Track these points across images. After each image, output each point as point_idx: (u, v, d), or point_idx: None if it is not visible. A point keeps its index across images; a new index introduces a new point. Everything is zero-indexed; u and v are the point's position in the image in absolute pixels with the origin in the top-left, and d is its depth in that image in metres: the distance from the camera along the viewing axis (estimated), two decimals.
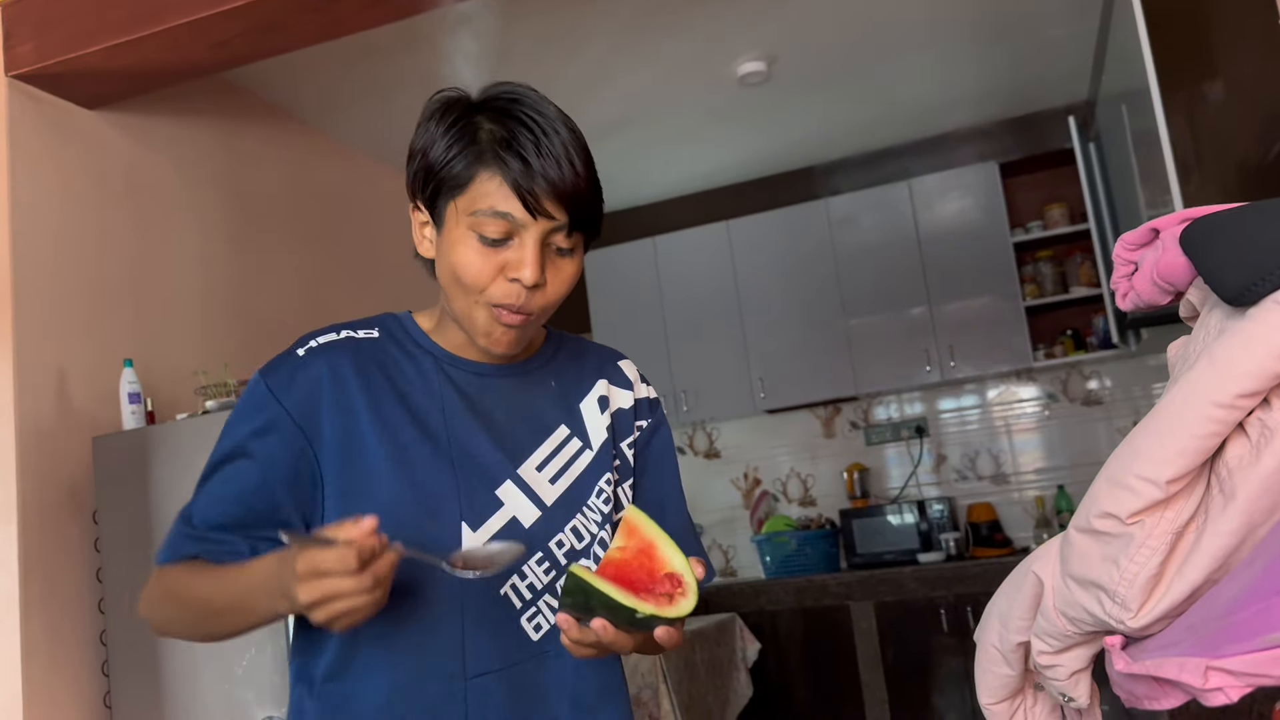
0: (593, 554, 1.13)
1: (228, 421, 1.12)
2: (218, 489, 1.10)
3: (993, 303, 4.66)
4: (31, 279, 2.78)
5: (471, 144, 1.04)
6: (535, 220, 1.03)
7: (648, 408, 1.29)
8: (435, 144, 1.07)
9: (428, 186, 1.08)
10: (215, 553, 1.08)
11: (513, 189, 1.02)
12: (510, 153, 1.02)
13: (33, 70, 2.82)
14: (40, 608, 2.63)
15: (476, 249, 1.04)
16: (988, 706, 0.98)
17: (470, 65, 3.77)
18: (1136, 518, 0.78)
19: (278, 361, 1.12)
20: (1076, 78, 4.47)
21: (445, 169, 1.05)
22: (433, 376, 1.13)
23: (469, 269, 1.04)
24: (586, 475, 1.16)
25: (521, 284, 1.04)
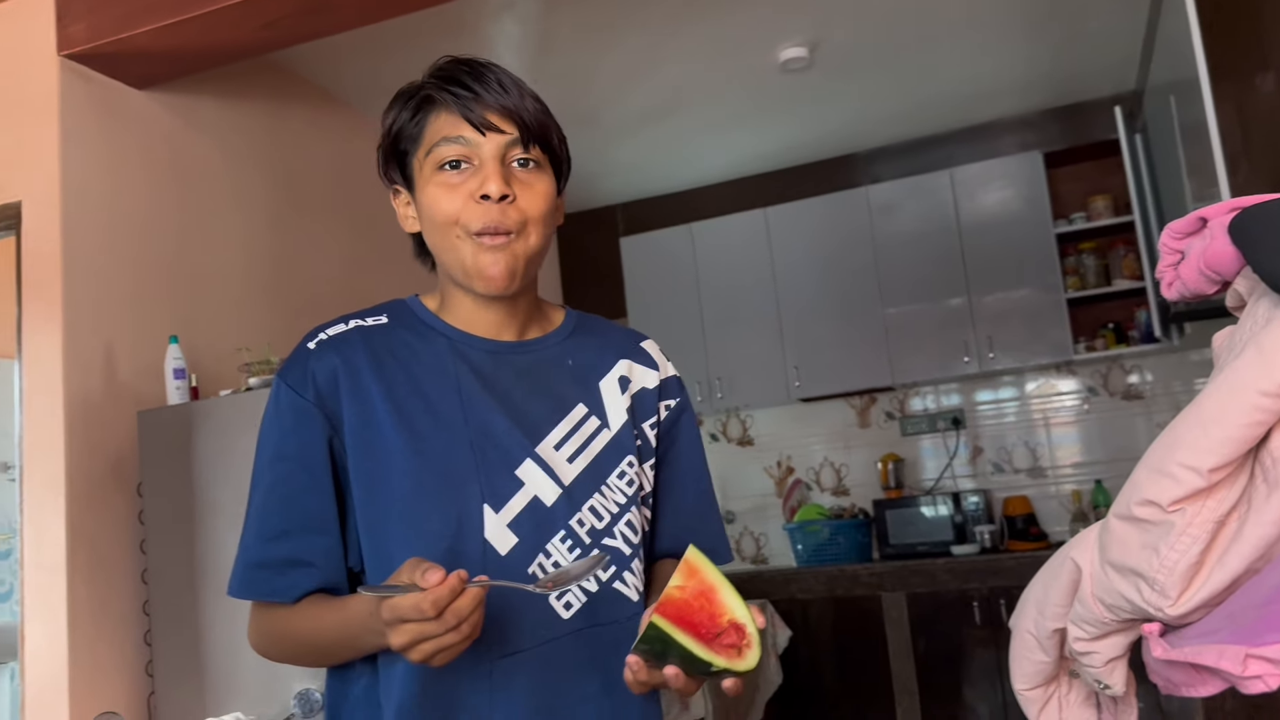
0: (619, 534, 1.13)
1: (260, 433, 1.14)
2: (267, 501, 1.12)
3: (1033, 294, 4.62)
4: (81, 256, 2.83)
5: (420, 101, 1.12)
6: (485, 136, 1.08)
7: (674, 388, 1.29)
8: (390, 120, 1.15)
9: (394, 158, 1.15)
10: (283, 589, 1.10)
11: (459, 114, 1.08)
12: (450, 85, 1.10)
13: (84, 50, 2.87)
14: (86, 578, 2.69)
15: (442, 182, 1.09)
16: (1021, 692, 0.98)
17: (512, 51, 3.78)
18: (1178, 505, 0.78)
19: (292, 360, 1.14)
20: (1124, 67, 4.41)
21: (402, 132, 1.13)
22: (446, 357, 1.13)
23: (440, 203, 1.09)
24: (606, 454, 1.15)
25: (490, 198, 1.07)
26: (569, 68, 3.92)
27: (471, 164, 1.09)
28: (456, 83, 1.10)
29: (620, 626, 1.11)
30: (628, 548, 1.13)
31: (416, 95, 1.13)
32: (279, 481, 1.11)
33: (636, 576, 1.14)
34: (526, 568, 1.07)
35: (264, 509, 1.11)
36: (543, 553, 1.08)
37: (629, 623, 1.11)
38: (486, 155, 1.08)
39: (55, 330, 2.75)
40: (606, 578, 1.11)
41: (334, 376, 1.11)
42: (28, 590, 2.71)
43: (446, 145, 1.09)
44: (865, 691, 4.44)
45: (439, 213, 1.09)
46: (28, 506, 2.74)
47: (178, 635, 2.69)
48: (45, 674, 2.65)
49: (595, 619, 1.10)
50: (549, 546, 1.09)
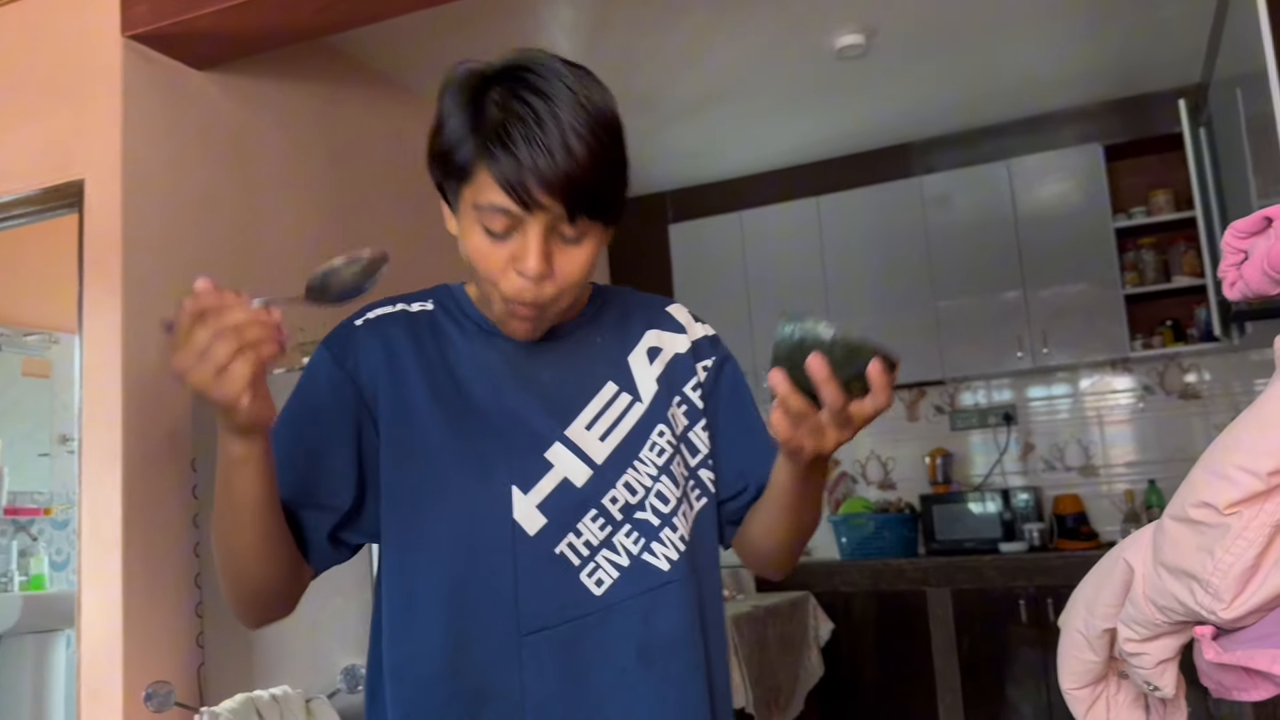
0: (649, 506, 1.13)
1: (294, 390, 1.17)
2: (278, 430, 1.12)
3: (1091, 289, 4.54)
4: (141, 234, 2.89)
5: (475, 130, 1.03)
6: (531, 213, 1.01)
7: (708, 347, 1.28)
8: (446, 125, 1.07)
9: (439, 171, 1.10)
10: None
11: (501, 185, 1.00)
12: (501, 146, 1.00)
13: (147, 31, 2.92)
14: (140, 550, 2.75)
15: (483, 238, 1.04)
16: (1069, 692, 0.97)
17: (567, 34, 3.78)
18: (1234, 508, 0.77)
19: (336, 333, 1.17)
20: (1189, 59, 4.30)
21: (453, 156, 1.05)
22: (479, 346, 1.16)
23: (481, 259, 1.05)
24: (638, 429, 1.16)
25: (527, 277, 1.03)
26: (622, 52, 3.92)
27: (514, 233, 1.04)
28: (508, 141, 1.00)
29: (651, 595, 1.11)
30: (656, 518, 1.13)
31: (475, 118, 1.04)
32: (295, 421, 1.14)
33: (667, 546, 1.13)
34: (554, 547, 1.09)
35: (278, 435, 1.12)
36: (573, 532, 1.10)
37: (660, 591, 1.11)
38: (530, 231, 1.03)
39: (115, 306, 2.81)
40: (636, 550, 1.11)
41: (375, 356, 1.14)
42: (84, 560, 2.78)
43: (494, 214, 1.02)
44: (907, 687, 4.41)
45: (477, 264, 1.07)
46: (86, 479, 2.80)
47: (228, 609, 2.74)
48: (99, 642, 2.71)
49: (628, 592, 1.10)
50: (579, 526, 1.10)
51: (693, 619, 1.14)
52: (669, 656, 1.10)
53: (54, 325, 4.45)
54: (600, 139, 1.03)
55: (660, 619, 1.10)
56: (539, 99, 1.01)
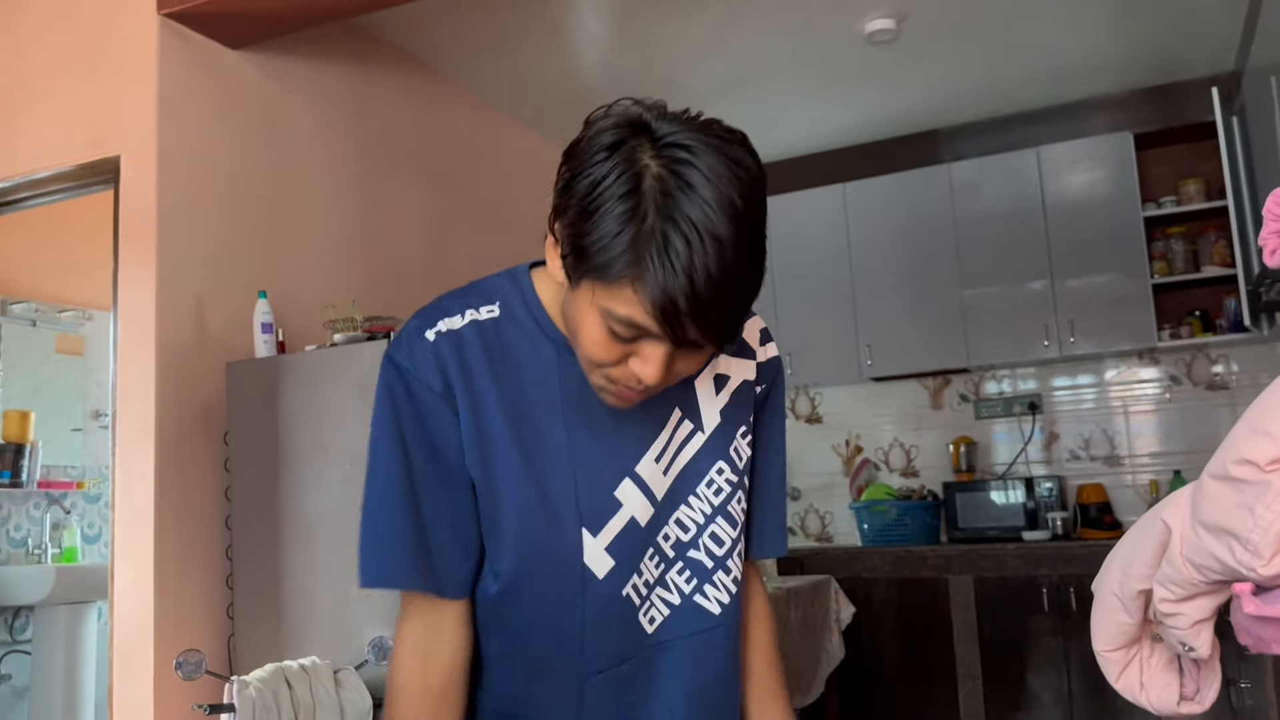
0: (702, 546, 1.09)
1: (379, 417, 1.07)
2: (392, 492, 1.05)
3: (1118, 279, 4.52)
4: (175, 211, 2.92)
5: (623, 231, 0.88)
6: (675, 332, 0.91)
7: (771, 371, 1.21)
8: (587, 211, 0.90)
9: (570, 249, 0.93)
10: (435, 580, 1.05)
11: (651, 312, 0.89)
12: (659, 266, 0.87)
13: (183, 9, 2.94)
14: (172, 521, 2.79)
15: (606, 336, 0.94)
16: (1102, 653, 0.97)
17: (596, 16, 3.79)
18: (1276, 465, 0.77)
19: (408, 346, 1.06)
20: (1222, 47, 4.27)
21: (596, 252, 0.90)
22: (553, 368, 1.06)
23: (593, 349, 0.95)
24: (697, 461, 1.10)
25: (642, 385, 0.96)
26: (649, 34, 3.92)
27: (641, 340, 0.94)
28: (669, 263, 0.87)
29: (701, 638, 1.10)
30: (709, 560, 1.10)
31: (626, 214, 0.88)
32: (403, 470, 1.05)
33: (719, 589, 1.10)
34: (621, 590, 1.06)
35: (388, 497, 1.06)
36: (635, 572, 1.07)
37: (710, 634, 1.10)
38: (652, 352, 0.93)
39: (149, 282, 2.85)
40: (689, 590, 1.09)
41: (451, 372, 1.05)
42: (117, 533, 2.82)
43: (626, 326, 0.91)
44: (928, 673, 4.41)
45: (588, 352, 0.96)
46: (119, 452, 2.84)
47: (258, 580, 2.78)
48: (132, 613, 2.75)
49: (676, 632, 1.09)
50: (641, 565, 1.07)
51: (736, 660, 1.13)
52: (713, 697, 1.10)
53: (87, 302, 4.50)
54: (755, 253, 0.92)
55: (708, 662, 1.09)
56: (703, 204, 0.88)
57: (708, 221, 0.86)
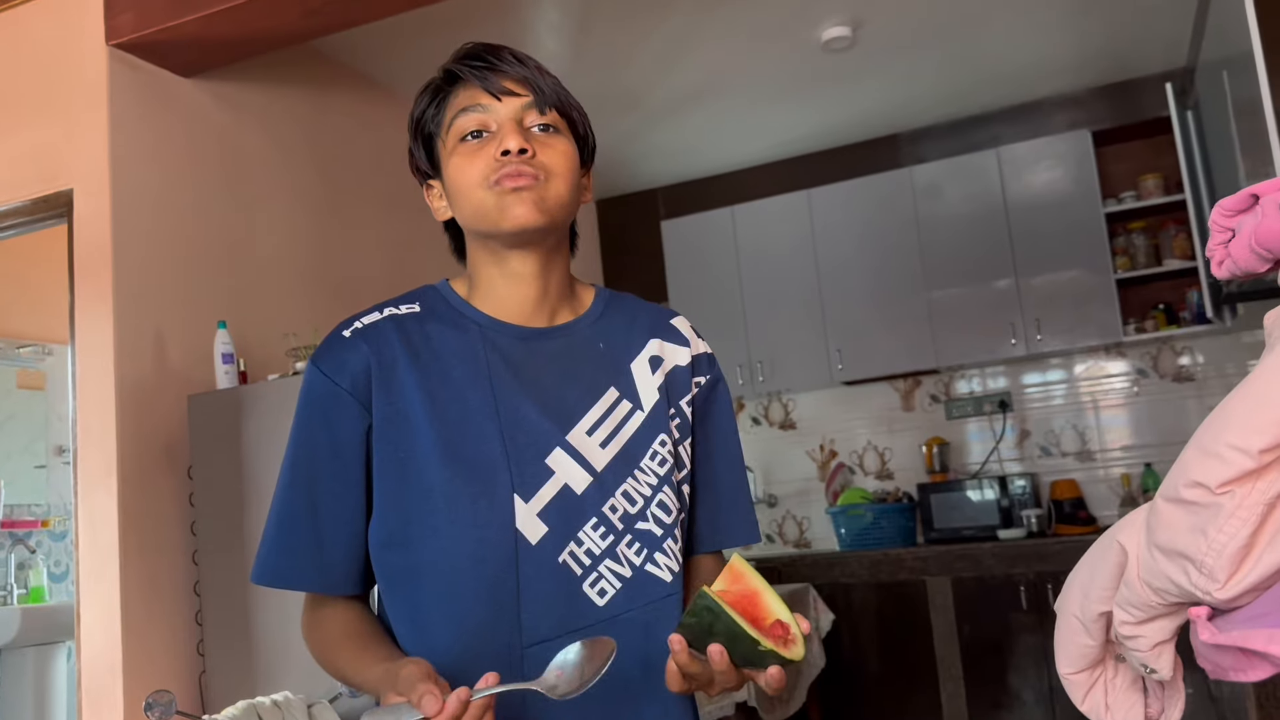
0: (651, 516, 1.12)
1: (296, 418, 1.14)
2: (292, 488, 1.13)
3: (1082, 275, 4.55)
4: (131, 243, 2.88)
5: (439, 84, 1.15)
6: (501, 100, 1.11)
7: (706, 364, 1.28)
8: (416, 110, 1.17)
9: (421, 145, 1.16)
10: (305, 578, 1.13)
11: (476, 85, 1.11)
12: (467, 59, 1.13)
13: (132, 39, 2.91)
14: (138, 559, 2.75)
15: (465, 152, 1.11)
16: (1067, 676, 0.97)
17: (553, 34, 3.78)
18: (1226, 487, 0.77)
19: (326, 346, 1.13)
20: (1175, 43, 4.31)
21: (425, 117, 1.15)
22: (478, 345, 1.13)
23: (464, 170, 1.10)
24: (638, 437, 1.15)
25: (510, 153, 1.08)
26: (608, 50, 3.91)
27: (491, 131, 1.11)
28: (473, 56, 1.13)
29: (654, 607, 1.11)
30: (659, 528, 1.13)
31: (436, 81, 1.16)
32: (306, 468, 1.12)
33: (669, 556, 1.13)
34: (557, 556, 1.08)
35: (290, 496, 1.13)
36: (574, 540, 1.09)
37: (663, 603, 1.11)
38: (504, 118, 1.10)
39: (107, 316, 2.81)
40: (639, 561, 1.11)
41: (367, 366, 1.10)
42: (82, 571, 2.77)
43: (465, 115, 1.11)
44: (909, 676, 4.42)
45: (464, 179, 1.11)
46: (82, 489, 2.80)
47: (228, 615, 2.74)
48: (100, 653, 2.71)
49: (630, 604, 1.10)
50: (580, 534, 1.09)
51: None
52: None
53: (47, 337, 4.44)
54: (553, 75, 1.16)
55: (661, 631, 1.08)
56: (491, 44, 1.16)
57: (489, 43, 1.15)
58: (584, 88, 4.18)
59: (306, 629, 1.16)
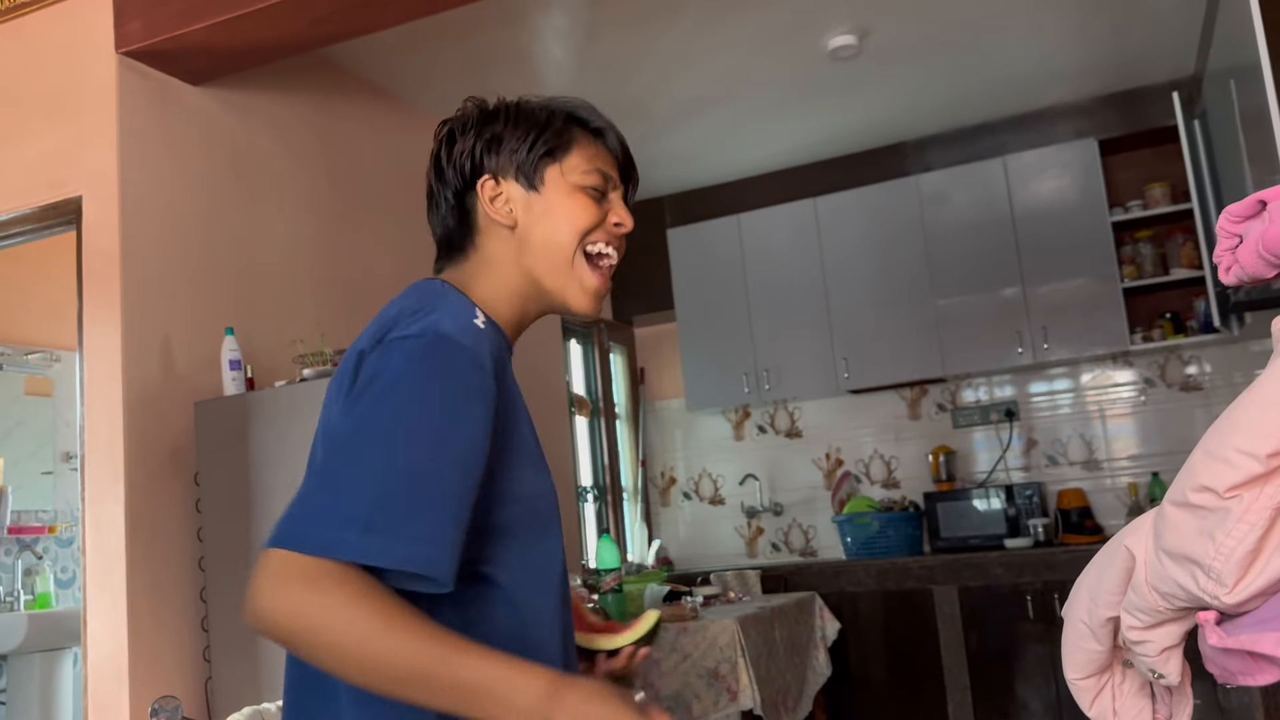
0: None
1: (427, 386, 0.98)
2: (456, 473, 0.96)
3: (1089, 284, 4.54)
4: (139, 250, 2.89)
5: (563, 119, 1.19)
6: (620, 183, 1.21)
7: None
8: (521, 122, 1.18)
9: (526, 155, 1.16)
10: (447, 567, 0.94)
11: (613, 155, 1.20)
12: (603, 126, 1.20)
13: (141, 47, 2.93)
14: (144, 564, 2.75)
15: (588, 201, 1.16)
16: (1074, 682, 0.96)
17: (561, 42, 3.79)
18: (1234, 492, 0.77)
19: (460, 324, 1.03)
20: (1182, 52, 4.31)
21: (547, 134, 1.17)
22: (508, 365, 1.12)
23: (585, 213, 1.15)
24: None
25: (624, 228, 1.19)
26: (615, 58, 3.92)
27: (603, 198, 1.19)
28: (606, 121, 1.21)
29: None
30: None
31: (555, 110, 1.19)
32: (467, 450, 0.98)
33: None
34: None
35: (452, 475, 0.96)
36: None
37: None
38: (616, 197, 1.20)
39: (114, 323, 2.82)
40: None
41: (496, 360, 1.05)
42: (89, 578, 2.78)
43: (600, 174, 1.17)
44: (916, 685, 4.40)
45: (580, 220, 1.15)
46: (89, 495, 2.80)
47: (234, 621, 2.74)
48: (106, 659, 2.71)
49: None
50: None
51: None
52: None
53: (55, 343, 4.45)
54: None
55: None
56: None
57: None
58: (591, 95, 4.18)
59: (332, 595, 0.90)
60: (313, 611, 0.89)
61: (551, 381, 4.92)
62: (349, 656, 0.89)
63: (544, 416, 4.79)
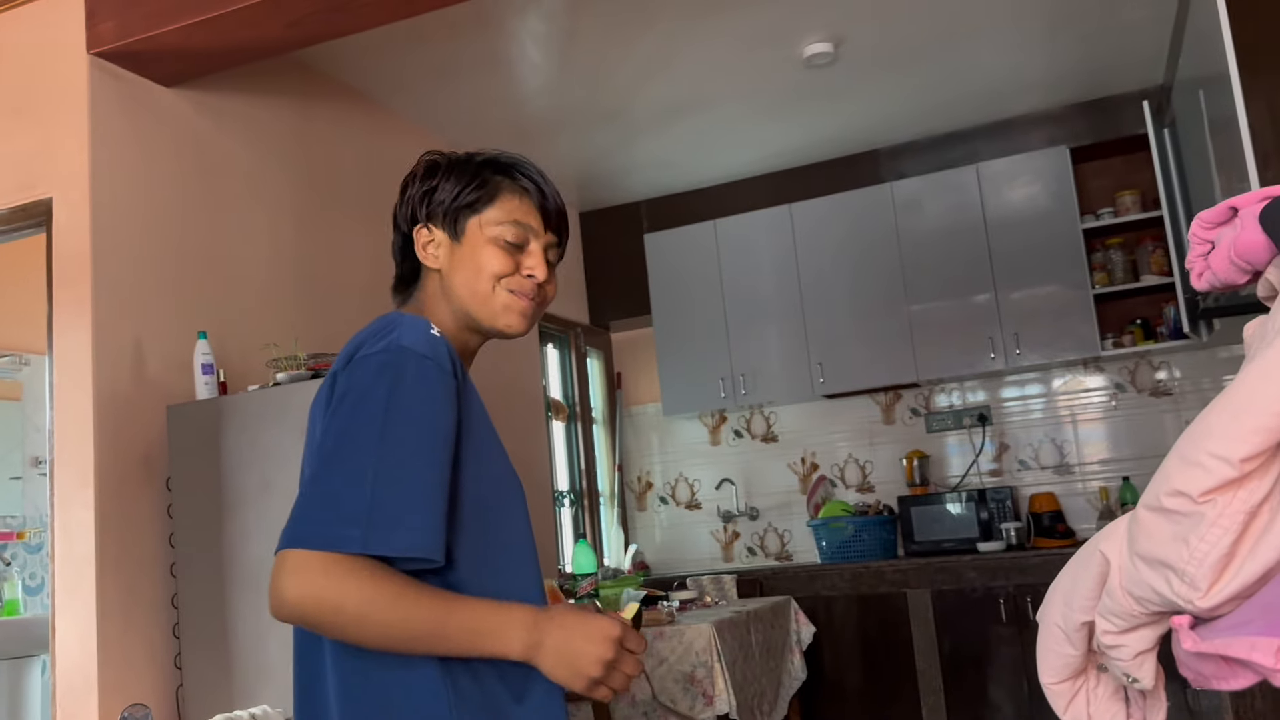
0: None
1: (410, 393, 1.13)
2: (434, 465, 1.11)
3: (1061, 290, 4.58)
4: (110, 252, 2.86)
5: (492, 172, 1.31)
6: (544, 233, 1.31)
7: None
8: (452, 176, 1.31)
9: (449, 207, 1.30)
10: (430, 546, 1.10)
11: (535, 206, 1.30)
12: (527, 180, 1.31)
13: (113, 48, 2.90)
14: (115, 571, 2.72)
15: (500, 249, 1.28)
16: (1049, 686, 0.97)
17: (537, 46, 3.79)
18: (1208, 496, 0.77)
19: (419, 338, 1.17)
20: (1152, 61, 4.36)
21: (469, 190, 1.29)
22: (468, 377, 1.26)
23: (494, 262, 1.27)
24: None
25: (535, 279, 1.29)
26: (592, 63, 3.92)
27: (525, 247, 1.30)
28: (532, 178, 1.32)
29: None
30: None
31: (483, 168, 1.31)
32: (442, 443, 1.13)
33: None
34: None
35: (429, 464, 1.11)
36: None
37: None
38: (536, 247, 1.30)
39: (85, 326, 2.78)
40: None
41: (457, 368, 1.19)
42: (58, 584, 2.74)
43: (516, 227, 1.28)
44: (890, 688, 4.42)
45: (487, 267, 1.27)
46: (58, 500, 2.77)
47: (206, 628, 2.71)
48: (75, 666, 2.68)
49: None
50: None
51: None
52: None
53: (24, 347, 4.40)
54: None
55: None
56: (537, 168, 1.36)
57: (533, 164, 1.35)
58: (568, 100, 4.20)
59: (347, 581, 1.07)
60: (336, 594, 1.05)
61: (528, 386, 4.91)
62: (373, 624, 1.06)
63: (520, 421, 4.78)
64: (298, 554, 1.07)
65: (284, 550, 1.08)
